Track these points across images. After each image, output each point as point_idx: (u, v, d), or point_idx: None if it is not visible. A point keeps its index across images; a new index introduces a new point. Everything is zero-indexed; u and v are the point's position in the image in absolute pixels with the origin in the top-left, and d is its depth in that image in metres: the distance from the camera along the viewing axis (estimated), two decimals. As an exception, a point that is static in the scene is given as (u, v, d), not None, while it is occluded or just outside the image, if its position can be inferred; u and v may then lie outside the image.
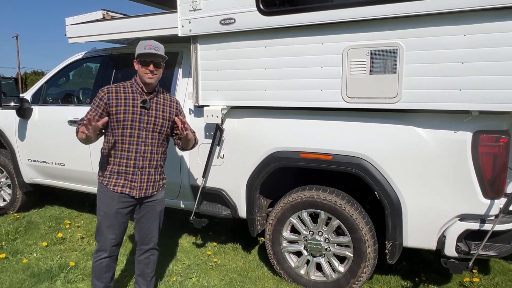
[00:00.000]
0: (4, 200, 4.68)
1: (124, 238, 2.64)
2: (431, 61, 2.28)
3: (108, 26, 3.54)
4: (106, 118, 2.26)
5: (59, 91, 4.50)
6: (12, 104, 4.02)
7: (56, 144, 3.98)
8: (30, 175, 4.36)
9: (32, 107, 4.16)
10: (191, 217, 3.35)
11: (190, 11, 2.96)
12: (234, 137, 3.07)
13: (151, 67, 2.33)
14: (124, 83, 2.44)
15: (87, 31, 3.68)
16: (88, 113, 2.33)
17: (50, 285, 3.02)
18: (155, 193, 2.51)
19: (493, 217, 2.36)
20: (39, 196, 4.77)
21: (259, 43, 2.80)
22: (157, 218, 2.58)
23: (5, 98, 3.97)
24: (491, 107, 2.18)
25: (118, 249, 2.53)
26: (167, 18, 3.16)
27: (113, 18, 3.73)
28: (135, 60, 2.39)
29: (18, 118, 4.19)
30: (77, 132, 2.35)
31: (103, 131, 2.42)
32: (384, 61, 2.41)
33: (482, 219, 2.38)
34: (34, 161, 4.22)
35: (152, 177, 2.47)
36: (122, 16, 3.86)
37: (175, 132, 2.57)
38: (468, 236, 2.45)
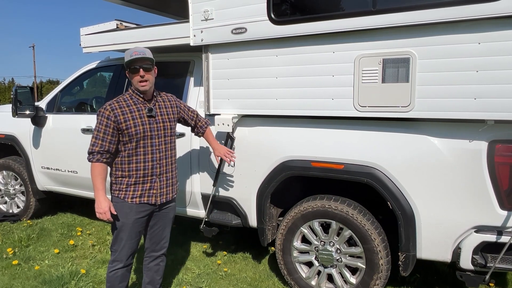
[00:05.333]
0: (18, 207, 4.75)
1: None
2: (444, 69, 2.25)
3: (121, 36, 3.60)
4: (113, 210, 2.33)
5: (73, 99, 4.58)
6: (27, 112, 4.09)
7: (69, 152, 4.04)
8: (43, 183, 4.42)
9: (46, 115, 4.24)
10: (201, 225, 3.34)
11: (202, 20, 2.99)
12: (245, 146, 3.07)
13: (141, 72, 2.31)
14: (123, 96, 2.41)
15: (101, 41, 3.74)
16: (97, 135, 2.29)
17: (61, 292, 3.04)
18: (174, 196, 2.58)
19: (510, 229, 2.30)
20: (52, 203, 4.83)
21: (270, 52, 2.80)
22: (169, 224, 2.63)
23: (20, 106, 4.05)
24: (507, 116, 2.13)
25: (132, 260, 2.52)
26: (179, 27, 3.19)
27: (127, 28, 3.79)
28: (126, 71, 2.38)
29: (33, 126, 4.27)
30: (92, 162, 2.31)
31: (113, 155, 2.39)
32: (396, 70, 2.39)
33: (499, 231, 2.32)
34: (48, 168, 4.28)
35: (170, 181, 2.52)
36: (135, 26, 3.92)
37: (188, 123, 2.78)
38: (484, 248, 2.39)
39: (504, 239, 2.28)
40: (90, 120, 3.85)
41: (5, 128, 4.54)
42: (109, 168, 2.42)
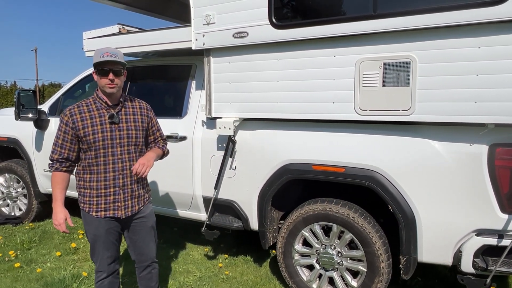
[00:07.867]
0: (20, 210, 4.76)
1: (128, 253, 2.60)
2: (445, 73, 2.27)
3: (123, 40, 3.62)
4: (70, 222, 2.27)
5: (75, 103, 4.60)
6: (30, 115, 4.11)
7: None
8: (45, 185, 4.43)
9: (49, 118, 4.26)
10: (203, 228, 3.34)
11: (203, 25, 3.01)
12: (246, 149, 3.08)
13: (111, 75, 2.15)
14: (86, 100, 2.26)
15: (104, 44, 3.76)
16: (57, 142, 2.22)
17: (62, 295, 3.05)
18: (141, 208, 2.37)
19: (511, 233, 2.30)
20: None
21: (272, 56, 2.82)
22: (151, 233, 2.45)
23: (23, 109, 4.07)
24: (508, 119, 2.14)
25: (117, 265, 2.42)
26: (181, 31, 3.21)
27: (129, 32, 3.81)
28: (93, 71, 2.21)
29: (35, 130, 4.29)
30: (52, 170, 2.28)
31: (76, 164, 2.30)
32: (397, 74, 2.40)
33: (500, 234, 2.32)
34: (50, 171, 4.28)
35: (136, 193, 2.32)
36: (137, 30, 3.94)
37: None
38: (485, 252, 2.38)
39: (505, 242, 2.28)
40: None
41: (7, 131, 4.56)
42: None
